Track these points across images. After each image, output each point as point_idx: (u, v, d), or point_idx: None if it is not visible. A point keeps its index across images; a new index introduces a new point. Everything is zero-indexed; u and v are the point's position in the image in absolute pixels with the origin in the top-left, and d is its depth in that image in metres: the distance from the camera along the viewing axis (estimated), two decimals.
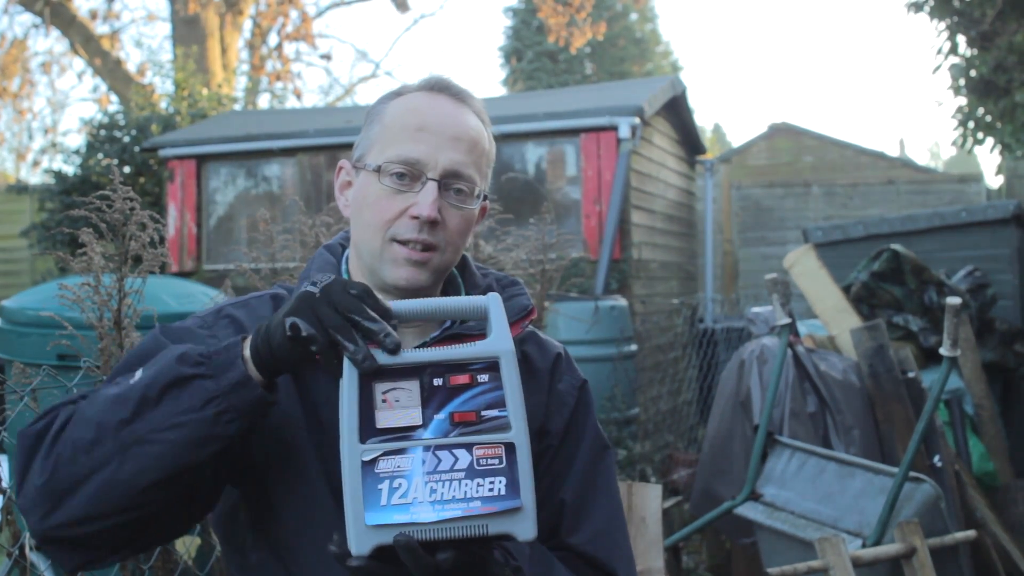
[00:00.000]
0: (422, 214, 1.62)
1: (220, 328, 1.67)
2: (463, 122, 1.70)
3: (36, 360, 2.98)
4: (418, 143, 1.65)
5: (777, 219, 12.09)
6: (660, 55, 24.93)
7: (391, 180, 1.65)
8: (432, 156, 1.64)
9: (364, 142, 1.73)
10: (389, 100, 1.74)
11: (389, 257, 1.65)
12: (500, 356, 1.41)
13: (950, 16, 8.96)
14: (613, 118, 7.65)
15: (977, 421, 5.24)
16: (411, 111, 1.69)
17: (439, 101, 1.71)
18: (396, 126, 1.68)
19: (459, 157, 1.66)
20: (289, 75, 19.75)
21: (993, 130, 9.02)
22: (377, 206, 1.66)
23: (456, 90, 1.74)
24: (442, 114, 1.68)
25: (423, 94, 1.72)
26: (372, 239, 1.67)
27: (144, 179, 10.33)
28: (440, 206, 1.64)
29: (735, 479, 4.57)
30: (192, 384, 1.42)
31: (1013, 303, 6.14)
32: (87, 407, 1.47)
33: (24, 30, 24.63)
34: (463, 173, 1.66)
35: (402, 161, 1.64)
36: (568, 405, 1.79)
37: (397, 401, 1.38)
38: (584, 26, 17.16)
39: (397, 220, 1.64)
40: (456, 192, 1.67)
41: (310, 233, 3.83)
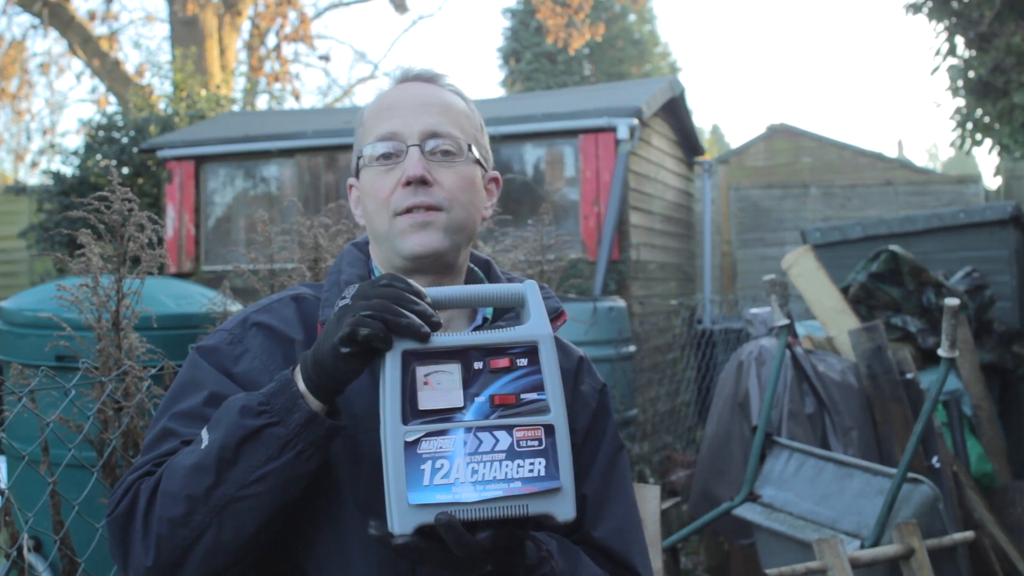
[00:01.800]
0: (409, 173, 1.65)
1: (251, 338, 1.68)
2: (432, 92, 1.74)
3: (34, 361, 2.97)
4: (391, 120, 1.69)
5: (775, 220, 12.09)
6: (658, 56, 24.93)
7: (378, 163, 1.69)
8: (407, 124, 1.68)
9: (355, 150, 1.77)
10: (367, 105, 1.81)
11: (397, 231, 1.68)
12: (539, 340, 1.44)
13: (948, 17, 8.96)
14: (611, 119, 7.65)
15: (975, 422, 5.24)
16: (382, 99, 1.75)
17: (408, 85, 1.76)
18: (371, 118, 1.74)
19: (433, 119, 1.69)
20: (287, 76, 19.75)
21: (991, 131, 9.02)
22: (373, 190, 1.70)
23: (427, 74, 1.79)
24: (411, 92, 1.74)
25: (395, 86, 1.78)
26: (380, 222, 1.70)
27: (142, 180, 10.33)
28: (428, 167, 1.67)
29: (733, 480, 4.57)
30: (263, 435, 1.45)
31: (1011, 304, 6.14)
32: (168, 482, 1.48)
33: (23, 31, 24.69)
34: (441, 131, 1.69)
35: (381, 138, 1.69)
36: (590, 407, 1.81)
37: (439, 384, 1.41)
38: (583, 27, 17.18)
39: (393, 194, 1.68)
40: (443, 153, 1.69)
41: (308, 234, 3.83)
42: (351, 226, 3.98)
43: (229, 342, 1.68)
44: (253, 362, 1.66)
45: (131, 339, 2.85)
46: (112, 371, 2.79)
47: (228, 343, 1.68)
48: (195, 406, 1.61)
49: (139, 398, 2.78)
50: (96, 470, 2.75)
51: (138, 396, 2.77)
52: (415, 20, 48.54)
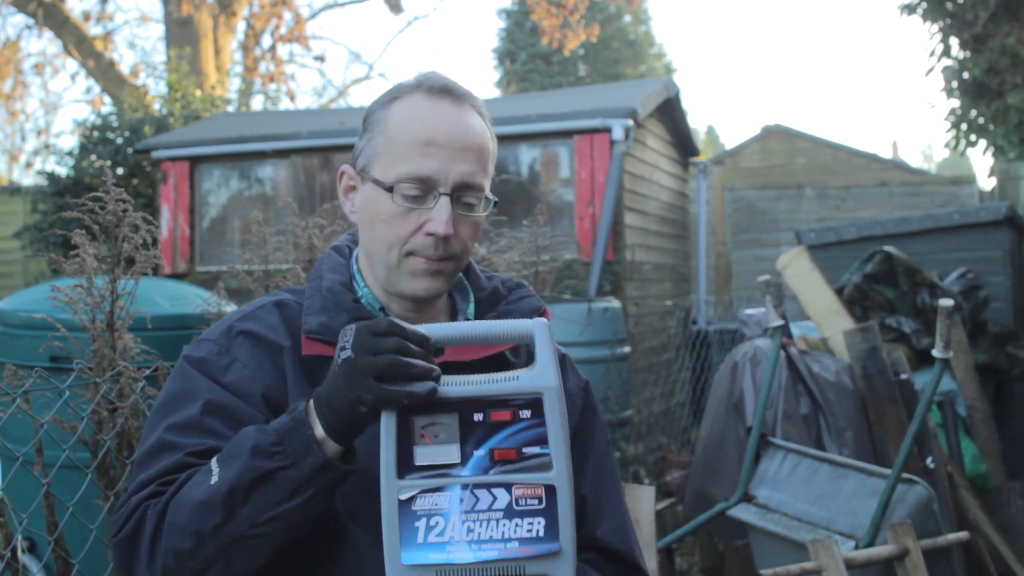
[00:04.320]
0: (438, 231, 1.63)
1: (238, 347, 1.68)
2: (469, 128, 1.69)
3: (28, 362, 2.97)
4: (428, 158, 1.64)
5: (770, 221, 12.11)
6: (653, 57, 24.93)
7: (404, 200, 1.65)
8: (443, 171, 1.64)
9: (368, 150, 1.72)
10: (388, 104, 1.72)
11: (407, 270, 1.67)
12: (543, 392, 1.37)
13: (943, 18, 8.97)
14: (606, 120, 7.65)
15: (970, 423, 5.25)
16: (416, 122, 1.67)
17: (442, 107, 1.69)
18: (403, 140, 1.67)
19: (469, 168, 1.66)
20: (283, 77, 19.76)
21: (986, 132, 9.04)
22: (392, 223, 1.66)
23: (456, 91, 1.72)
24: (448, 122, 1.67)
25: (423, 99, 1.70)
26: (388, 254, 1.68)
27: (137, 181, 10.32)
28: (454, 220, 1.65)
29: (728, 481, 4.57)
30: (275, 477, 1.43)
31: (1005, 305, 6.15)
32: (176, 514, 1.47)
33: (17, 31, 24.66)
34: (473, 183, 1.67)
35: (414, 179, 1.64)
36: (577, 404, 1.81)
37: (436, 436, 1.37)
38: (577, 28, 17.18)
39: (413, 236, 1.66)
40: (468, 205, 1.68)
41: (303, 235, 3.82)
42: (346, 227, 3.98)
43: (217, 352, 1.68)
44: (243, 371, 1.65)
45: (125, 340, 2.85)
46: (106, 372, 2.78)
47: (216, 354, 1.68)
48: (192, 417, 1.60)
49: (133, 399, 2.77)
50: (90, 471, 2.75)
51: (132, 397, 2.77)
52: (410, 21, 48.73)
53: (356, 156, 1.74)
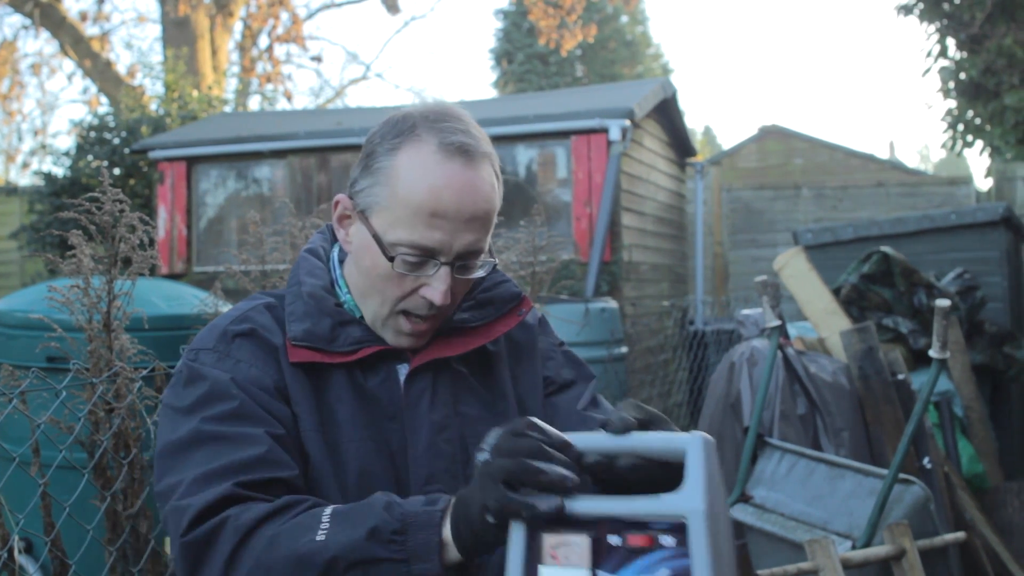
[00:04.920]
0: (435, 301, 1.61)
1: (237, 348, 1.65)
2: (480, 196, 1.61)
3: (25, 362, 2.97)
4: (433, 230, 1.57)
5: (767, 221, 12.11)
6: (651, 57, 24.93)
7: (403, 265, 1.60)
8: (447, 243, 1.59)
9: (369, 195, 1.63)
10: (395, 152, 1.61)
11: (393, 326, 1.67)
12: (689, 517, 1.21)
13: (940, 19, 8.97)
14: (604, 120, 7.66)
15: (966, 423, 5.25)
16: (425, 188, 1.57)
17: (454, 171, 1.58)
18: (408, 203, 1.58)
19: (474, 237, 1.61)
20: (279, 77, 19.77)
21: (982, 133, 9.03)
22: (388, 283, 1.63)
23: (471, 151, 1.61)
24: (459, 192, 1.57)
25: (435, 156, 1.58)
26: (379, 306, 1.66)
27: (134, 181, 10.32)
28: (451, 284, 1.63)
29: (725, 481, 4.57)
30: (383, 566, 1.36)
31: (1002, 305, 6.16)
32: (267, 554, 1.40)
33: (14, 31, 24.65)
34: (476, 249, 1.63)
35: (415, 248, 1.58)
36: (555, 359, 1.89)
37: (566, 558, 1.25)
38: (575, 28, 17.19)
39: (408, 297, 1.63)
40: (466, 268, 1.65)
41: (300, 235, 3.82)
42: None
43: (218, 359, 1.64)
44: (250, 371, 1.63)
45: (122, 340, 2.85)
46: (103, 372, 2.78)
47: (216, 364, 1.63)
48: (230, 409, 1.56)
49: (130, 399, 2.77)
50: (87, 471, 2.75)
51: (129, 397, 2.77)
52: (407, 21, 48.78)
53: (354, 191, 1.66)
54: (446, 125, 1.61)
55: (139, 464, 2.84)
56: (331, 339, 1.67)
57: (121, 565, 2.82)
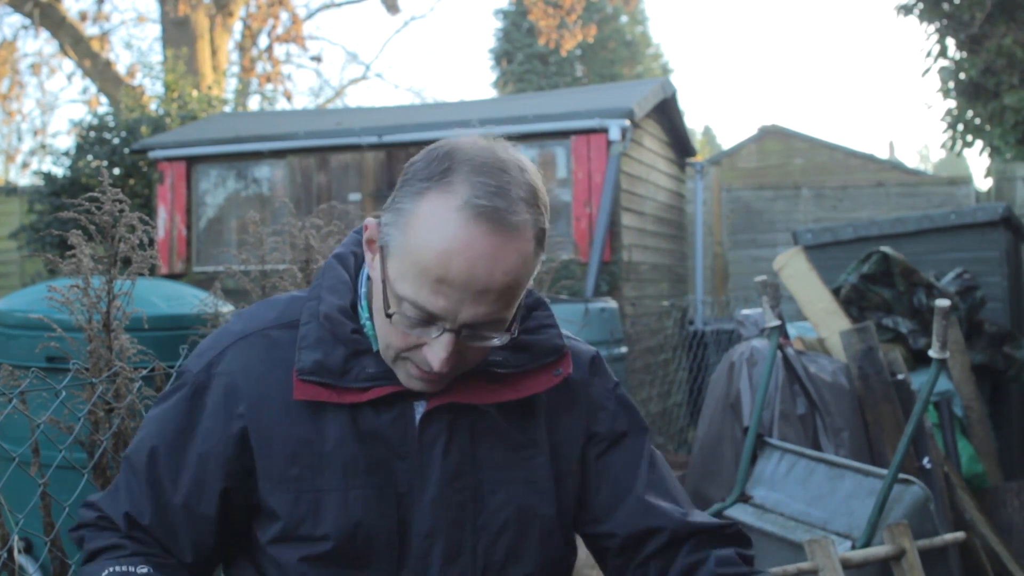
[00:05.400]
0: (434, 367, 1.47)
1: (212, 391, 1.61)
2: (499, 266, 1.41)
3: (25, 362, 2.96)
4: (437, 296, 1.42)
5: (767, 221, 12.11)
6: (650, 57, 24.93)
7: (404, 321, 1.46)
8: (451, 312, 1.43)
9: (387, 234, 1.48)
10: (421, 197, 1.44)
11: (403, 369, 1.54)
12: None
13: (940, 19, 8.97)
14: (603, 120, 7.66)
15: (966, 423, 5.25)
16: (437, 250, 1.40)
17: (474, 236, 1.39)
18: (416, 261, 1.42)
19: (484, 310, 1.44)
20: (279, 77, 19.76)
21: (982, 133, 9.03)
22: (391, 331, 1.50)
23: (500, 217, 1.41)
24: (472, 260, 1.39)
25: (458, 217, 1.40)
26: (385, 349, 1.55)
27: (134, 181, 10.31)
28: (459, 347, 1.48)
29: (725, 481, 4.57)
30: None
31: (1002, 305, 6.15)
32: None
33: (13, 31, 24.64)
34: (487, 321, 1.46)
35: (416, 307, 1.44)
36: (608, 409, 1.73)
37: None
38: (574, 28, 17.20)
39: (411, 351, 1.50)
40: (477, 335, 1.48)
41: (300, 235, 3.82)
42: (342, 227, 3.97)
43: (192, 394, 1.62)
44: (209, 422, 1.61)
45: (122, 340, 2.85)
46: (103, 372, 2.78)
47: (191, 394, 1.62)
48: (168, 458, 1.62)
49: (130, 399, 2.77)
50: (87, 471, 2.75)
51: (129, 398, 2.77)
52: (407, 21, 48.77)
53: (383, 222, 1.51)
54: (482, 181, 1.42)
55: None
56: (343, 372, 1.56)
57: None
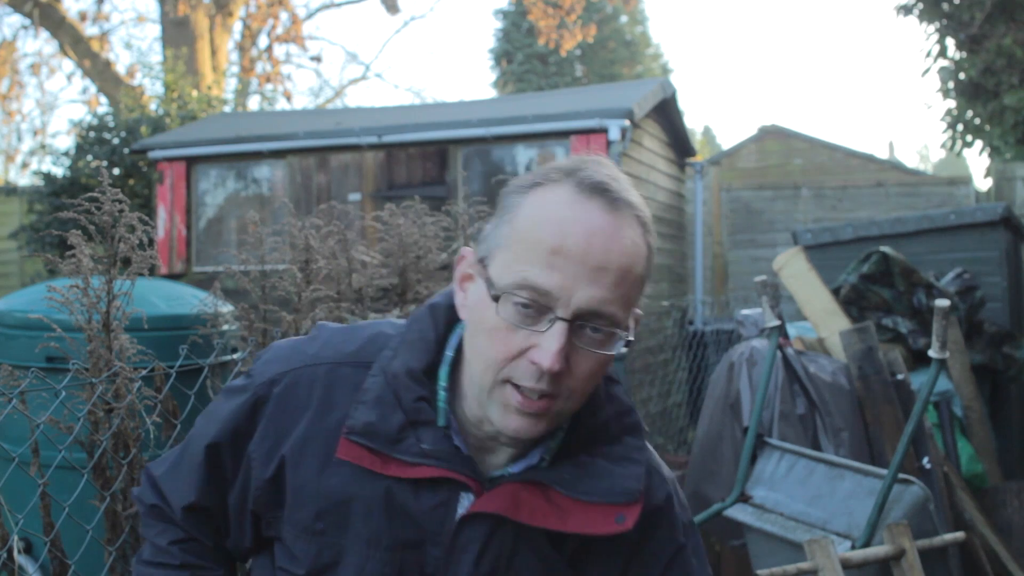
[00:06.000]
0: (543, 364, 1.34)
1: (271, 405, 1.56)
2: (615, 244, 1.35)
3: (24, 363, 2.96)
4: (551, 270, 1.32)
5: (767, 221, 12.10)
6: (650, 57, 24.94)
7: (512, 311, 1.35)
8: (566, 290, 1.33)
9: (490, 238, 1.42)
10: (528, 190, 1.40)
11: (500, 399, 1.40)
12: None
13: (939, 19, 8.98)
14: (603, 120, 7.66)
15: (966, 423, 5.25)
16: (551, 222, 1.34)
17: (589, 210, 1.35)
18: (528, 238, 1.35)
19: (601, 293, 1.34)
20: (279, 77, 19.78)
21: (982, 133, 9.05)
22: (493, 339, 1.37)
23: (614, 193, 1.37)
24: (588, 232, 1.34)
25: (570, 193, 1.37)
26: (483, 373, 1.40)
27: (133, 181, 10.31)
28: (569, 351, 1.35)
29: (725, 481, 4.57)
30: None
31: (1002, 305, 6.15)
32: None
33: (13, 31, 24.65)
34: (604, 312, 1.35)
35: (527, 287, 1.33)
36: (660, 561, 1.57)
37: None
38: (574, 28, 17.21)
39: (515, 360, 1.37)
40: (593, 331, 1.37)
41: (299, 235, 3.82)
42: (342, 227, 3.97)
43: (252, 404, 1.57)
44: (257, 439, 1.57)
45: (121, 340, 2.85)
46: (103, 372, 2.78)
47: (251, 404, 1.58)
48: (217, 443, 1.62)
49: (129, 399, 2.77)
50: (86, 471, 2.75)
51: (128, 397, 2.77)
52: (407, 21, 48.77)
53: (480, 241, 1.45)
54: (588, 169, 1.40)
55: (138, 464, 2.84)
56: (394, 440, 1.46)
57: (120, 565, 2.82)
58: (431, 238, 4.45)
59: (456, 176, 8.01)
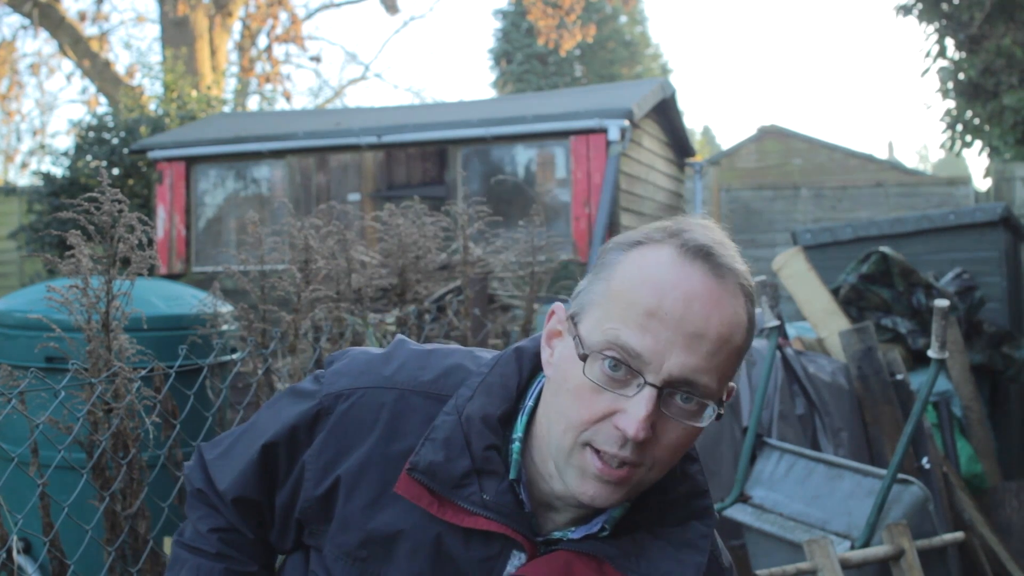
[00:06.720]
0: (628, 431, 1.27)
1: (331, 421, 1.51)
2: (715, 311, 1.30)
3: (24, 363, 2.96)
4: (645, 333, 1.27)
5: (766, 221, 12.11)
6: (649, 58, 24.95)
7: (600, 371, 1.29)
8: (658, 354, 1.27)
9: (585, 295, 1.37)
10: (627, 249, 1.35)
11: (578, 463, 1.33)
12: None
13: (939, 19, 8.98)
14: (602, 120, 7.66)
15: (965, 423, 5.25)
16: (649, 282, 1.29)
17: (690, 273, 1.30)
18: (624, 297, 1.30)
19: (695, 362, 1.28)
20: (278, 77, 19.77)
21: (981, 133, 9.05)
22: (577, 398, 1.31)
23: (718, 257, 1.33)
24: (689, 297, 1.28)
25: (672, 255, 1.32)
26: (563, 435, 1.34)
27: (133, 181, 10.32)
28: (656, 419, 1.29)
29: (724, 481, 4.57)
30: None
31: (1001, 305, 6.15)
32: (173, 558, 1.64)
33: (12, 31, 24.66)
34: (696, 382, 1.29)
35: (618, 347, 1.28)
36: None
37: None
38: (574, 28, 17.21)
39: (598, 424, 1.31)
40: (684, 400, 1.30)
41: (299, 235, 3.82)
42: (341, 227, 3.97)
43: (316, 414, 1.53)
44: (314, 451, 1.52)
45: (121, 340, 2.84)
46: (102, 373, 2.78)
47: (314, 413, 1.53)
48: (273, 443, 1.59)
49: (129, 399, 2.77)
50: (86, 472, 2.74)
51: (128, 398, 2.77)
52: (406, 21, 48.77)
53: (573, 297, 1.39)
54: (693, 232, 1.36)
55: (138, 464, 2.84)
56: (456, 485, 1.40)
57: (120, 565, 2.82)
58: (430, 238, 4.45)
59: (455, 176, 8.01)
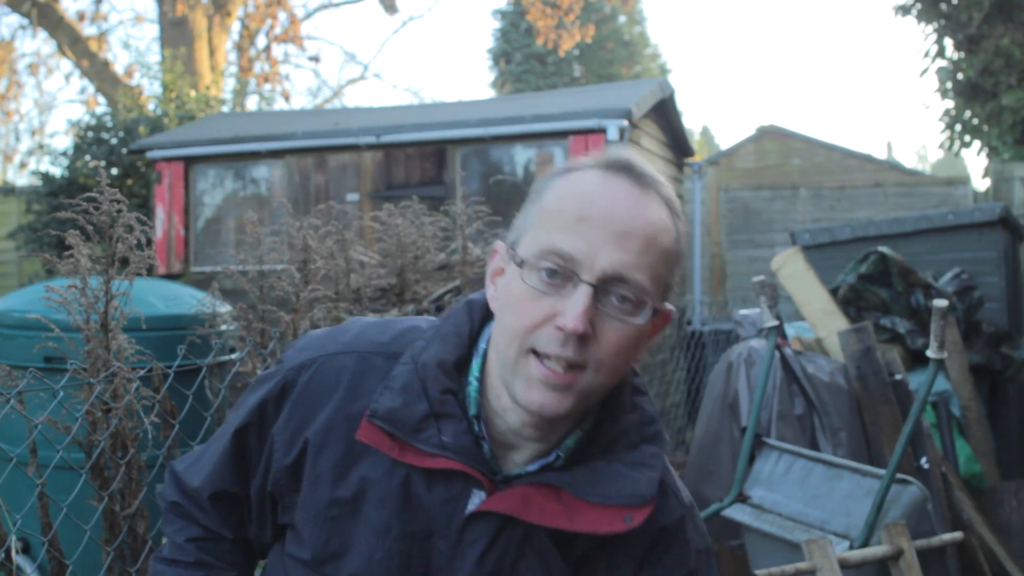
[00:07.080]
0: (567, 326, 1.33)
1: (291, 391, 1.57)
2: (640, 212, 1.38)
3: (22, 363, 2.96)
4: (575, 236, 1.35)
5: (765, 221, 12.11)
6: (648, 58, 24.95)
7: (537, 278, 1.36)
8: (589, 253, 1.34)
9: (519, 225, 1.46)
10: (555, 177, 1.46)
11: (523, 373, 1.39)
12: None
13: (937, 19, 8.99)
14: (601, 120, 7.66)
15: (964, 423, 5.25)
16: (575, 195, 1.39)
17: (613, 184, 1.39)
18: (553, 211, 1.39)
19: (626, 257, 1.35)
20: (277, 77, 19.76)
21: (980, 133, 9.05)
22: (517, 308, 1.38)
23: (639, 172, 1.42)
24: (614, 199, 1.37)
25: (596, 173, 1.41)
26: (508, 347, 1.40)
27: (131, 181, 10.30)
28: (594, 316, 1.35)
29: (723, 481, 4.57)
30: None
31: (1000, 305, 6.16)
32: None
33: (11, 31, 24.64)
34: (628, 277, 1.35)
35: (552, 253, 1.35)
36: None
37: None
38: (572, 28, 17.21)
39: (539, 328, 1.36)
40: (619, 300, 1.36)
41: (298, 235, 3.82)
42: (340, 227, 3.97)
43: (281, 388, 1.58)
44: (281, 424, 1.57)
45: (119, 340, 2.84)
46: (101, 372, 2.78)
47: (280, 388, 1.58)
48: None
49: (127, 399, 2.77)
50: (84, 472, 2.74)
51: (126, 398, 2.77)
52: (405, 21, 48.78)
53: (510, 232, 1.48)
54: (616, 154, 1.45)
55: (136, 464, 2.84)
56: (415, 429, 1.46)
57: (119, 565, 2.82)
58: (429, 238, 4.45)
59: (454, 176, 8.01)
